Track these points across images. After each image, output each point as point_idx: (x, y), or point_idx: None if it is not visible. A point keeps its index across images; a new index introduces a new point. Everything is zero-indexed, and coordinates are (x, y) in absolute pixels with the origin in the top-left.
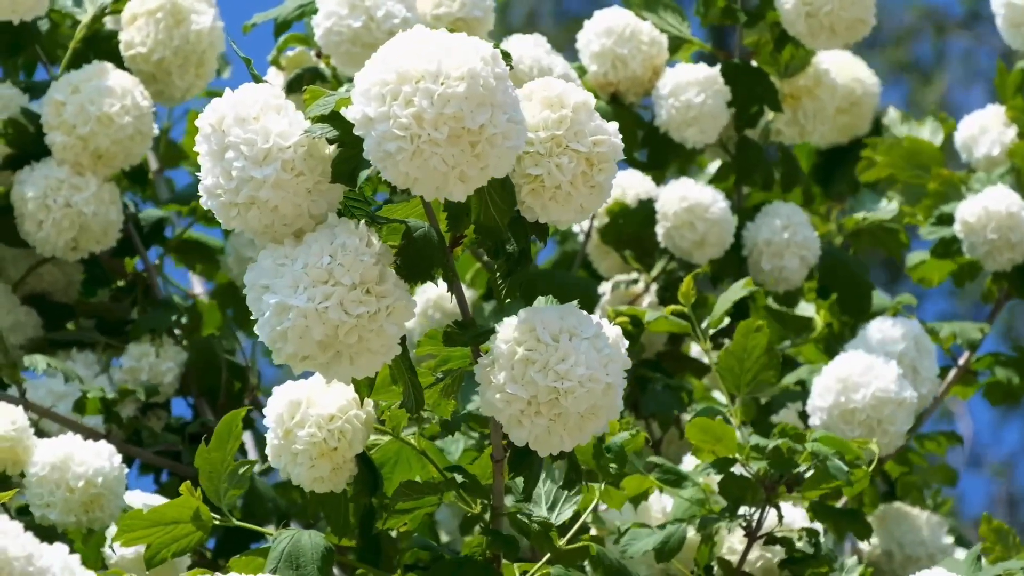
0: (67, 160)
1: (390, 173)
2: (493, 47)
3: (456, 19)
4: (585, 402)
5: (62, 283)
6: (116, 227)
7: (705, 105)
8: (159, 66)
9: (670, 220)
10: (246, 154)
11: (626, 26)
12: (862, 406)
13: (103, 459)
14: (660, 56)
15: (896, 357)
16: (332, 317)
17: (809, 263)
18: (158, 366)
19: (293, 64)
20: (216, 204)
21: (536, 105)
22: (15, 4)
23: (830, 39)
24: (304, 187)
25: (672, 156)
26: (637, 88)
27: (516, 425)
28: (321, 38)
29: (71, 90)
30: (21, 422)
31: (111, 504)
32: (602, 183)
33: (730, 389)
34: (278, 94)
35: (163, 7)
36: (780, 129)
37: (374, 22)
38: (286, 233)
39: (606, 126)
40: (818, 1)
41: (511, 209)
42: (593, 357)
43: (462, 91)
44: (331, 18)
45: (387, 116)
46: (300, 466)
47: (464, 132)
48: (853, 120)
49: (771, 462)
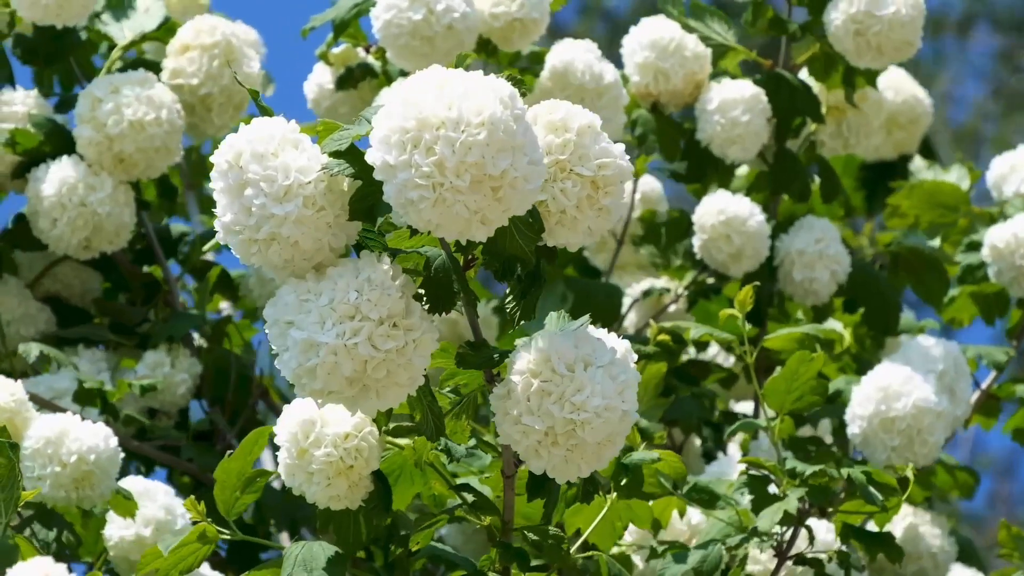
0: (89, 156)
1: (412, 219)
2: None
3: (514, 19)
4: (603, 432)
5: (77, 288)
6: (129, 228)
7: (750, 124)
8: (203, 100)
9: (707, 232)
10: (266, 191)
11: (671, 40)
12: (903, 415)
13: (98, 438)
14: (703, 71)
15: (936, 375)
16: (361, 352)
17: (839, 278)
18: (172, 377)
19: (341, 60)
20: (235, 241)
21: (541, 130)
22: (61, 9)
23: (876, 59)
24: (325, 222)
25: (712, 170)
26: (677, 100)
27: (534, 456)
28: (380, 30)
29: (111, 89)
30: (20, 394)
31: (102, 483)
32: (609, 206)
33: (773, 407)
34: (293, 128)
35: (219, 44)
36: (824, 141)
37: (434, 15)
38: (306, 268)
39: (612, 148)
40: (868, 20)
41: (538, 236)
42: (608, 386)
43: (483, 138)
44: (391, 10)
45: (408, 164)
46: (316, 485)
47: (486, 178)
48: (907, 137)
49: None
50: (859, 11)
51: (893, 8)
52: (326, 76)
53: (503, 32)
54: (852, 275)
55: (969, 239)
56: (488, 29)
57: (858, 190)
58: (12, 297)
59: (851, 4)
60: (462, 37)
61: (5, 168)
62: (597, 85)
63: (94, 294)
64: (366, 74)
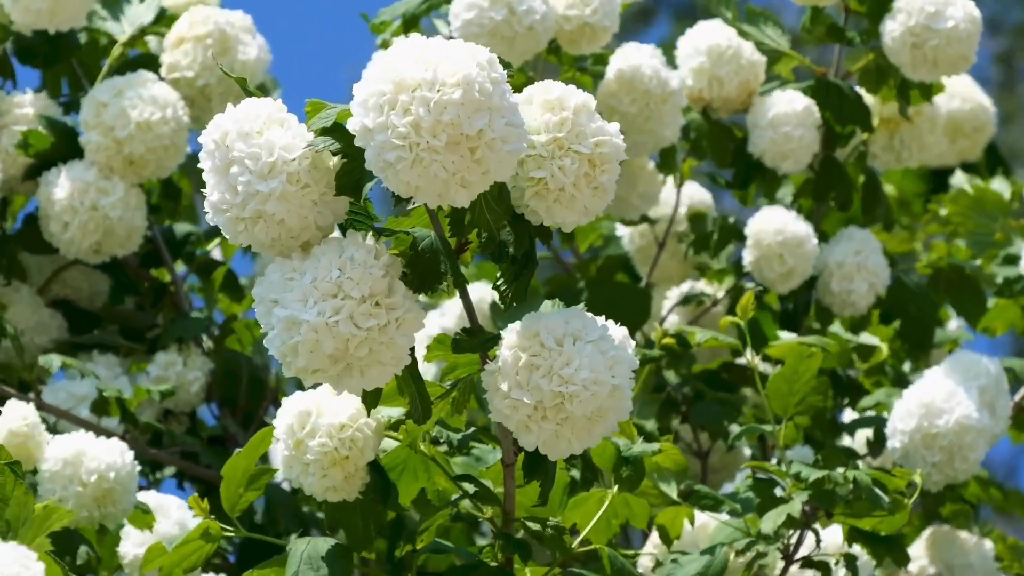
0: (98, 161)
1: (392, 182)
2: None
3: (585, 23)
4: (591, 405)
5: (86, 291)
6: (140, 232)
7: (803, 139)
8: (201, 92)
9: (761, 250)
10: (251, 168)
11: (728, 47)
12: (945, 431)
13: (115, 455)
14: (756, 80)
15: (978, 391)
16: (342, 331)
17: (877, 290)
18: (185, 375)
19: None
20: (223, 219)
21: (537, 108)
22: (53, 14)
23: (931, 72)
24: (310, 199)
25: (759, 180)
26: (729, 107)
27: (524, 431)
28: (458, 29)
29: (114, 93)
30: (33, 418)
31: (123, 500)
32: (605, 184)
33: (777, 411)
34: (280, 107)
35: (212, 34)
36: (876, 154)
37: (515, 16)
38: (293, 246)
39: (607, 127)
40: (926, 34)
41: (506, 213)
42: (598, 360)
43: (458, 97)
44: (473, 9)
45: (385, 126)
46: (312, 476)
47: (462, 138)
48: (972, 145)
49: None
50: (918, 23)
51: (952, 23)
52: None
53: (572, 35)
54: (890, 288)
55: (1006, 252)
56: (558, 31)
57: (919, 196)
58: (25, 306)
59: (910, 16)
60: (540, 38)
61: (17, 171)
62: (663, 91)
63: (103, 298)
64: None
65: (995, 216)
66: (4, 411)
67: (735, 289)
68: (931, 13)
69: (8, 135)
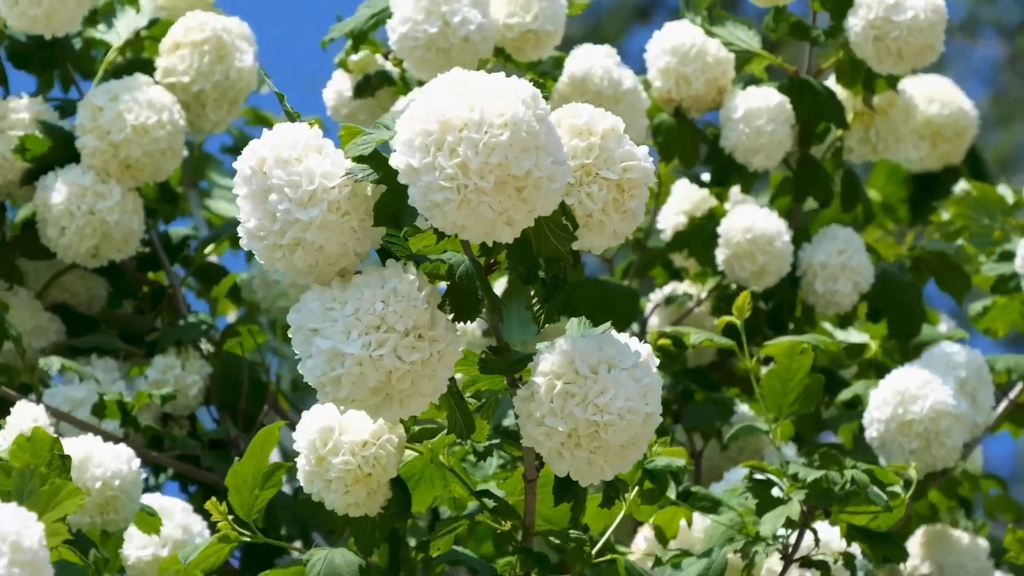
0: (95, 165)
1: (438, 221)
2: (533, 81)
3: (527, 30)
4: (626, 434)
5: (84, 296)
6: (137, 236)
7: (775, 134)
8: (196, 97)
9: (732, 248)
10: (290, 196)
11: (692, 45)
12: (920, 418)
13: (121, 462)
14: (725, 77)
15: (959, 383)
16: (387, 364)
17: (861, 288)
18: (183, 379)
19: (360, 67)
20: (260, 247)
21: (564, 134)
22: (49, 19)
23: (897, 64)
24: (349, 226)
25: (736, 177)
26: (700, 106)
27: (557, 458)
28: (396, 43)
29: (110, 97)
30: (43, 419)
31: (126, 507)
32: (634, 209)
33: (772, 410)
34: (317, 133)
35: (208, 40)
36: (852, 147)
37: (449, 28)
38: (331, 273)
39: (636, 151)
40: (887, 26)
41: (572, 237)
42: (632, 388)
43: (506, 139)
44: (407, 23)
45: (432, 167)
46: (335, 492)
47: (510, 179)
48: (953, 149)
49: (810, 494)
50: (877, 17)
51: (912, 13)
52: (345, 83)
53: (516, 43)
54: (875, 284)
55: (1002, 248)
56: (502, 39)
57: (903, 201)
58: (23, 310)
59: (869, 10)
60: (478, 48)
61: (14, 176)
62: (615, 91)
63: (101, 302)
64: (384, 81)
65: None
66: (13, 412)
67: (718, 289)
68: (890, 5)
69: (5, 140)
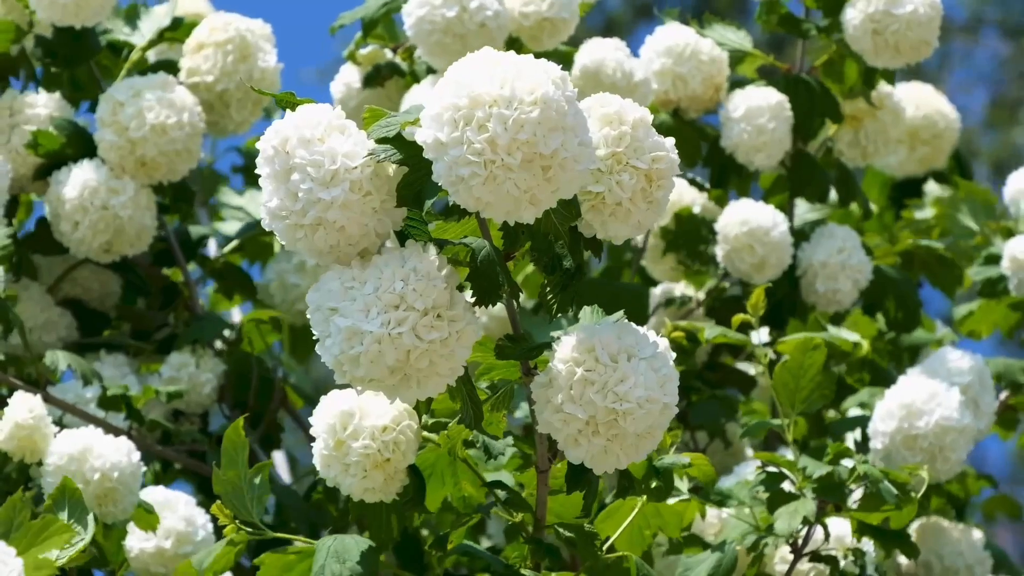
0: (110, 160)
1: (462, 197)
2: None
3: (543, 18)
4: (644, 423)
5: (97, 292)
6: (150, 232)
7: (776, 132)
8: (220, 97)
9: (730, 243)
10: (313, 176)
11: (686, 45)
12: (925, 433)
13: (121, 454)
14: (720, 74)
15: (961, 389)
16: (406, 342)
17: (861, 286)
18: (197, 377)
19: (369, 60)
20: (281, 226)
21: (595, 122)
22: (79, 8)
23: (893, 58)
24: (371, 207)
25: (734, 176)
26: (698, 105)
27: (573, 444)
28: (412, 27)
29: (133, 93)
30: (39, 410)
31: (125, 499)
32: (660, 199)
33: (785, 405)
34: (340, 114)
35: (232, 40)
36: (842, 151)
37: (467, 13)
38: (351, 253)
39: (663, 142)
40: (886, 19)
41: (573, 217)
42: (651, 378)
43: (536, 116)
44: (424, 7)
45: (460, 141)
46: (352, 477)
47: (537, 157)
48: (933, 153)
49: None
50: (877, 10)
51: (911, 7)
52: (353, 76)
53: (532, 31)
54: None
55: (988, 251)
56: (517, 28)
57: (888, 208)
58: (34, 304)
59: (869, 3)
60: (494, 35)
61: (27, 171)
62: (628, 83)
63: (113, 298)
64: (394, 72)
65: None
66: (11, 403)
67: (716, 290)
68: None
69: (19, 134)
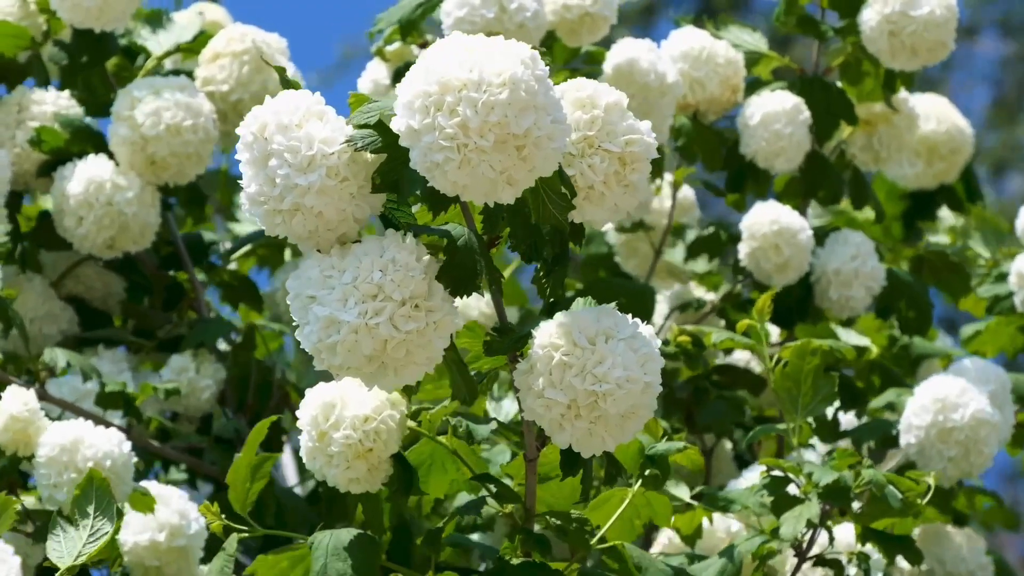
0: (120, 155)
1: (439, 182)
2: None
3: (586, 13)
4: (624, 403)
5: (100, 291)
6: (153, 229)
7: (793, 136)
8: (235, 107)
9: (757, 241)
10: (290, 161)
11: (702, 49)
12: (960, 425)
13: (112, 444)
14: (737, 76)
15: (988, 395)
16: (382, 332)
17: (874, 293)
18: (196, 383)
19: (398, 57)
20: (260, 211)
21: (568, 106)
22: (102, 12)
23: (910, 59)
24: (348, 192)
25: (752, 181)
26: (716, 107)
27: (558, 429)
28: (450, 27)
29: (152, 91)
30: (33, 403)
31: (118, 488)
32: (636, 182)
33: (788, 410)
34: (319, 100)
35: (249, 51)
36: (855, 155)
37: (506, 13)
38: (330, 239)
39: (639, 125)
40: (902, 21)
41: (570, 204)
42: (630, 358)
43: (505, 97)
44: (464, 7)
45: (432, 127)
46: (336, 468)
47: (510, 137)
48: (948, 167)
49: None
50: (894, 11)
51: (927, 8)
52: (381, 72)
53: (572, 25)
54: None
55: (998, 271)
56: (560, 21)
57: (898, 219)
58: (36, 295)
59: (885, 4)
60: (532, 35)
61: (30, 166)
62: (661, 84)
63: (116, 297)
64: None
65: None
66: (5, 396)
67: (730, 294)
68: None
69: (23, 130)
